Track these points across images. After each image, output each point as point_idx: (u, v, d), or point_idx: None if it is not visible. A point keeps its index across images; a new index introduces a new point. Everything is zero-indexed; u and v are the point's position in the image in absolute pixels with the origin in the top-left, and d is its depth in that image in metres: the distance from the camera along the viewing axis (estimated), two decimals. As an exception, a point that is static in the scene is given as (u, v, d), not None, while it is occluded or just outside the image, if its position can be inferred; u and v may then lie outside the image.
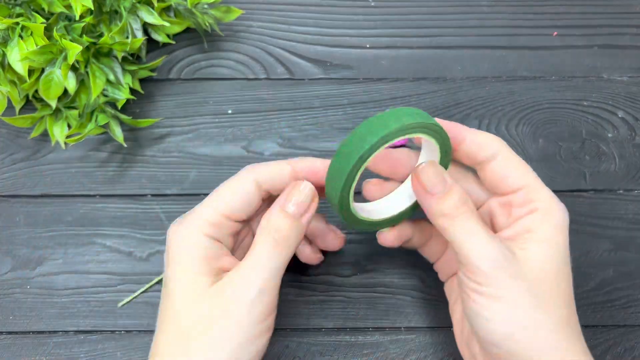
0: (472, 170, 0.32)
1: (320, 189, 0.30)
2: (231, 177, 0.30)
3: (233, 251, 0.31)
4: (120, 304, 0.38)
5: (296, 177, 0.30)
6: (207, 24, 0.42)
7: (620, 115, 0.43)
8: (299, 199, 0.29)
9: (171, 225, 0.30)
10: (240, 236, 0.32)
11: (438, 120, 0.29)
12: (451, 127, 0.30)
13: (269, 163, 0.30)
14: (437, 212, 0.28)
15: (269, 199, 0.31)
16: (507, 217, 0.30)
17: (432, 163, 0.29)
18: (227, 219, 0.29)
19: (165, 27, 0.42)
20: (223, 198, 0.30)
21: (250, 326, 0.27)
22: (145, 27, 0.42)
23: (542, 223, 0.29)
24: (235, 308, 0.27)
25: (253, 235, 0.31)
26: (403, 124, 0.26)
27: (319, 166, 0.30)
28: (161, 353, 0.28)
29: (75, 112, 0.39)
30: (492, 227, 0.32)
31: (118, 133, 0.39)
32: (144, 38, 0.41)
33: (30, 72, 0.37)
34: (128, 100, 0.42)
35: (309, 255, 0.35)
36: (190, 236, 0.29)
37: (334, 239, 0.34)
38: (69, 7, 0.38)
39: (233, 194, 0.30)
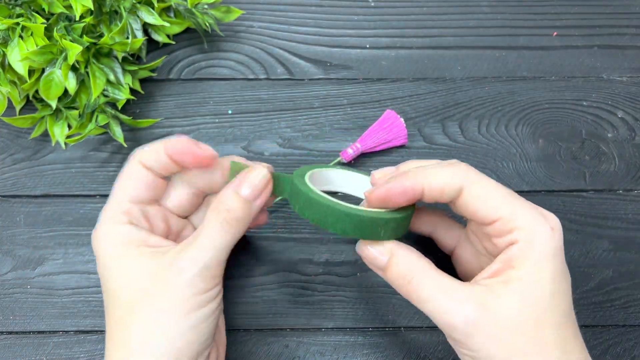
0: None
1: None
2: (123, 170, 0.31)
3: (167, 234, 0.32)
4: (120, 304, 0.38)
5: (168, 154, 0.30)
6: (207, 24, 0.42)
7: (619, 116, 0.43)
8: (253, 183, 0.30)
9: (93, 232, 0.30)
10: (172, 225, 0.32)
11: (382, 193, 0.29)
12: (407, 191, 0.29)
13: (151, 145, 0.31)
14: (392, 280, 0.29)
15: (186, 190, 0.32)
16: (492, 246, 0.30)
17: (368, 241, 0.30)
18: (132, 203, 0.30)
19: (166, 28, 0.42)
20: (121, 184, 0.30)
21: (192, 298, 0.28)
22: (146, 28, 0.42)
23: (523, 258, 0.27)
24: (177, 281, 0.28)
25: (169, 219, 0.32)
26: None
27: (189, 149, 0.30)
28: (110, 337, 0.29)
29: (75, 113, 0.39)
30: (484, 250, 0.32)
31: (118, 133, 0.40)
32: (144, 38, 0.41)
33: (31, 72, 0.38)
34: (128, 101, 0.42)
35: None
36: (107, 231, 0.29)
37: (264, 217, 0.35)
38: (69, 7, 0.38)
39: (127, 177, 0.30)
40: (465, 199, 0.29)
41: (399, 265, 0.29)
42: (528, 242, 0.27)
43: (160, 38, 0.43)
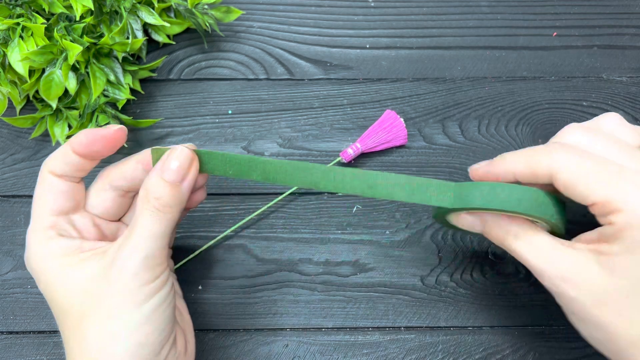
0: None
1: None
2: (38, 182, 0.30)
3: (101, 238, 0.31)
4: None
5: (74, 151, 0.29)
6: (208, 25, 0.42)
7: (619, 116, 0.43)
8: (176, 164, 0.29)
9: (25, 259, 0.30)
10: (96, 225, 0.32)
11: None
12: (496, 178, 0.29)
13: (56, 151, 0.30)
14: (495, 238, 0.30)
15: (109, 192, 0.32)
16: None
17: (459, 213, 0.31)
18: (55, 215, 0.29)
19: (166, 28, 0.42)
20: (38, 203, 0.30)
21: (139, 290, 0.27)
22: (146, 28, 0.42)
23: (619, 238, 0.26)
24: (121, 276, 0.27)
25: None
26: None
27: (97, 136, 0.29)
28: (66, 345, 0.28)
29: (75, 113, 0.39)
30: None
31: (118, 133, 0.40)
32: (144, 38, 0.41)
33: (31, 72, 0.38)
34: (128, 101, 0.42)
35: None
36: (37, 250, 0.29)
37: (201, 194, 0.34)
38: (69, 7, 0.38)
39: (42, 194, 0.30)
40: (557, 186, 0.28)
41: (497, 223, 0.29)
42: (627, 224, 0.26)
43: (160, 38, 0.43)
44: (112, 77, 0.39)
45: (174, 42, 0.44)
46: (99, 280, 0.28)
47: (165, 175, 0.29)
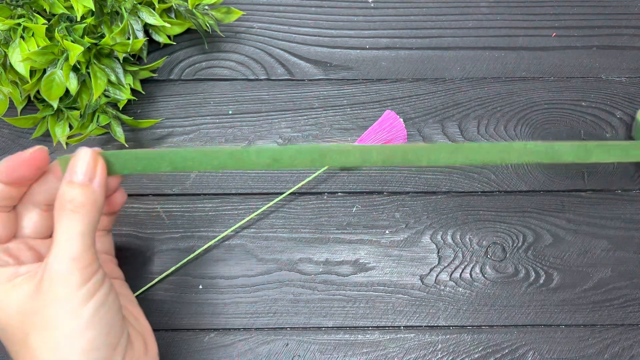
0: None
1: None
2: None
3: (39, 259, 0.31)
4: (121, 303, 0.38)
5: (2, 180, 0.29)
6: (208, 25, 0.42)
7: (618, 116, 0.43)
8: (81, 166, 0.29)
9: None
10: (31, 248, 0.31)
11: None
12: None
13: None
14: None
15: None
16: None
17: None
18: None
19: (166, 28, 0.43)
20: None
21: (73, 295, 0.27)
22: (146, 28, 0.43)
23: None
24: (52, 286, 0.27)
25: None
26: None
27: (18, 161, 0.29)
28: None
29: (76, 113, 0.39)
30: None
31: (119, 133, 0.40)
32: (145, 39, 0.41)
33: (32, 72, 0.38)
34: (129, 101, 0.42)
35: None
36: None
37: (120, 196, 0.34)
38: (70, 8, 0.38)
39: None
40: None
41: None
42: None
43: (161, 39, 0.43)
44: (113, 78, 0.39)
45: (174, 43, 0.44)
46: (33, 296, 0.27)
47: (74, 178, 0.28)
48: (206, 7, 0.42)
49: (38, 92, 0.39)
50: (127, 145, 0.41)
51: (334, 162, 0.30)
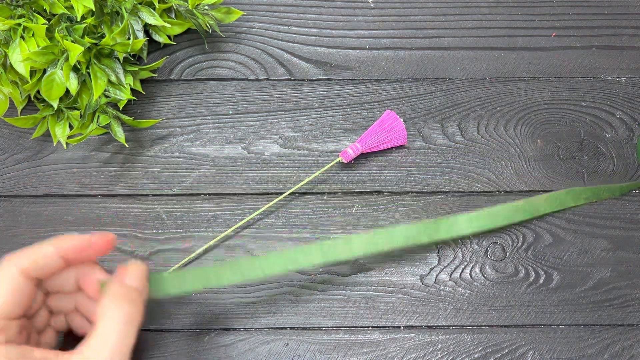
0: None
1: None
2: None
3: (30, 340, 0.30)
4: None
5: (61, 255, 0.29)
6: (208, 25, 0.42)
7: (618, 116, 0.43)
8: (137, 273, 0.30)
9: None
10: (37, 323, 0.31)
11: None
12: None
13: (29, 249, 0.29)
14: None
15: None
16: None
17: None
18: (6, 320, 0.27)
19: (166, 28, 0.43)
20: None
21: None
22: (147, 28, 0.43)
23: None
24: None
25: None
26: None
27: (86, 243, 0.29)
28: None
29: (76, 113, 0.39)
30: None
31: (119, 133, 0.40)
32: (145, 39, 0.41)
33: (32, 72, 0.38)
34: (129, 101, 0.42)
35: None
36: None
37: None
38: (70, 8, 0.38)
39: (3, 293, 0.27)
40: None
41: None
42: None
43: (161, 39, 0.43)
44: (113, 78, 0.39)
45: (174, 43, 0.44)
46: None
47: (130, 281, 0.29)
48: (206, 7, 0.42)
49: (38, 92, 0.39)
50: (127, 145, 0.41)
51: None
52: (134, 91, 0.42)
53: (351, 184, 0.41)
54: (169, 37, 0.43)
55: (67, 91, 0.38)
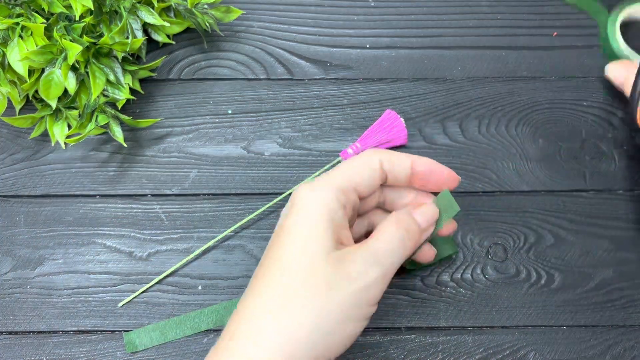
0: None
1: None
2: (355, 156, 0.31)
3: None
4: (120, 304, 0.38)
5: (415, 170, 0.31)
6: (207, 24, 0.42)
7: (619, 116, 0.43)
8: (427, 215, 0.31)
9: (300, 186, 0.30)
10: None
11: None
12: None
13: (391, 152, 0.31)
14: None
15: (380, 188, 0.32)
16: None
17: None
18: (354, 190, 0.30)
19: (165, 28, 0.42)
20: (351, 170, 0.30)
21: (351, 309, 0.27)
22: (145, 27, 0.42)
23: None
24: (347, 285, 0.27)
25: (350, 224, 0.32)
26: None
27: (437, 169, 0.31)
28: (256, 304, 0.27)
29: (75, 112, 0.39)
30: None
31: (118, 133, 0.40)
32: (144, 38, 0.41)
33: (31, 72, 0.37)
34: (128, 101, 0.42)
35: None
36: (326, 197, 0.28)
37: (428, 251, 0.34)
38: (69, 7, 0.38)
39: (361, 168, 0.30)
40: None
41: None
42: None
43: (160, 38, 0.43)
44: (111, 77, 0.39)
45: (173, 42, 0.44)
46: (327, 272, 0.27)
47: (416, 217, 0.30)
48: (205, 6, 0.42)
49: (36, 91, 0.39)
50: (125, 145, 0.41)
51: None
52: (132, 91, 0.42)
53: (351, 184, 0.41)
54: (168, 36, 0.43)
55: (66, 91, 0.38)
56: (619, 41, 0.43)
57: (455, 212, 0.31)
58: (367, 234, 0.32)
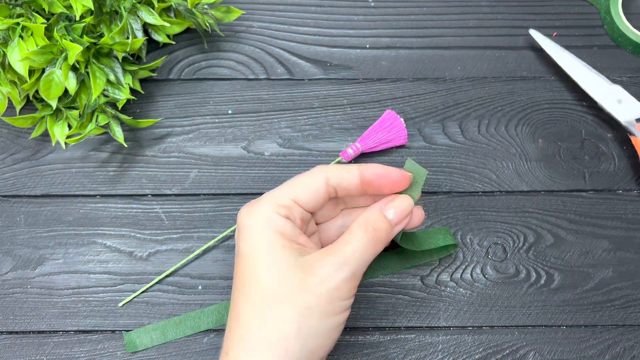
0: None
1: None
2: (303, 173, 0.32)
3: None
4: (120, 304, 0.38)
5: (363, 179, 0.31)
6: (208, 25, 0.42)
7: (619, 116, 0.43)
8: (399, 209, 0.31)
9: (243, 208, 0.31)
10: (308, 228, 0.33)
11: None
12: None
13: (339, 166, 0.32)
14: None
15: (330, 200, 0.33)
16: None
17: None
18: (295, 204, 0.31)
19: (166, 28, 0.42)
20: (294, 186, 0.31)
21: (327, 305, 0.28)
22: (146, 28, 0.42)
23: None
24: (321, 286, 0.28)
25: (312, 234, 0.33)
26: None
27: (384, 173, 0.31)
28: (241, 319, 0.29)
29: (75, 112, 0.39)
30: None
31: (118, 133, 0.40)
32: (144, 38, 0.41)
33: (31, 72, 0.38)
34: (128, 101, 0.42)
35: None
36: (265, 213, 0.30)
37: (416, 214, 0.34)
38: (69, 7, 0.38)
39: (303, 184, 0.31)
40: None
41: None
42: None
43: (160, 38, 0.43)
44: (112, 77, 0.39)
45: (173, 42, 0.44)
46: (299, 278, 0.28)
47: (387, 213, 0.31)
48: (206, 7, 0.42)
49: (37, 91, 0.39)
50: (125, 145, 0.41)
51: None
52: (133, 91, 0.42)
53: (351, 184, 0.41)
54: (168, 36, 0.43)
55: (66, 91, 0.38)
56: (625, 23, 0.43)
57: (425, 176, 0.32)
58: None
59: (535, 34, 0.43)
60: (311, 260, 0.29)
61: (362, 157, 0.42)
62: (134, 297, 0.38)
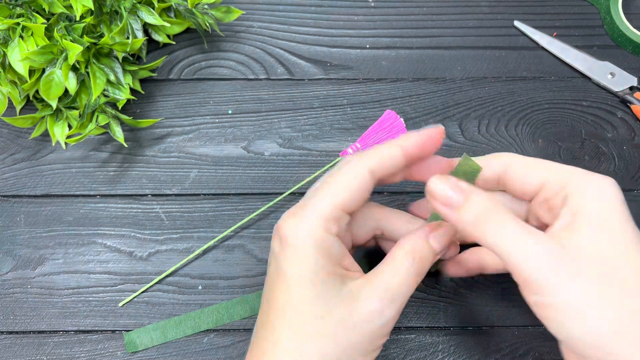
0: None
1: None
2: (342, 167, 0.28)
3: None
4: (120, 304, 0.38)
5: (408, 158, 0.29)
6: (208, 25, 0.42)
7: (619, 116, 0.43)
8: (444, 238, 0.29)
9: (286, 217, 0.28)
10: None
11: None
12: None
13: (377, 149, 0.29)
14: (465, 222, 0.26)
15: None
16: (550, 213, 0.29)
17: (440, 175, 0.27)
18: (344, 213, 0.28)
19: (166, 28, 0.42)
20: (340, 190, 0.28)
21: (369, 344, 0.27)
22: (146, 28, 0.42)
23: (580, 203, 0.27)
24: (368, 325, 0.27)
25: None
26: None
27: (425, 139, 0.29)
28: (282, 344, 0.27)
29: (75, 112, 0.39)
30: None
31: (118, 133, 0.40)
32: (145, 38, 0.41)
33: (31, 72, 0.38)
34: (128, 101, 0.42)
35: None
36: (314, 231, 0.27)
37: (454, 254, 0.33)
38: (69, 7, 0.38)
39: (349, 187, 0.28)
40: (511, 171, 0.30)
41: (480, 195, 0.27)
42: (581, 190, 0.27)
43: (160, 38, 0.43)
44: (112, 77, 0.39)
45: (174, 42, 0.44)
46: (341, 307, 0.27)
47: (431, 241, 0.29)
48: (206, 7, 0.42)
49: (37, 91, 0.39)
50: (126, 145, 0.41)
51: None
52: (133, 91, 0.42)
53: (351, 184, 0.41)
54: (168, 36, 0.43)
55: (66, 91, 0.38)
56: (625, 23, 0.43)
57: (479, 171, 0.30)
58: (372, 231, 0.32)
59: (520, 24, 0.44)
60: (355, 291, 0.27)
61: (362, 157, 0.42)
62: (134, 297, 0.38)
